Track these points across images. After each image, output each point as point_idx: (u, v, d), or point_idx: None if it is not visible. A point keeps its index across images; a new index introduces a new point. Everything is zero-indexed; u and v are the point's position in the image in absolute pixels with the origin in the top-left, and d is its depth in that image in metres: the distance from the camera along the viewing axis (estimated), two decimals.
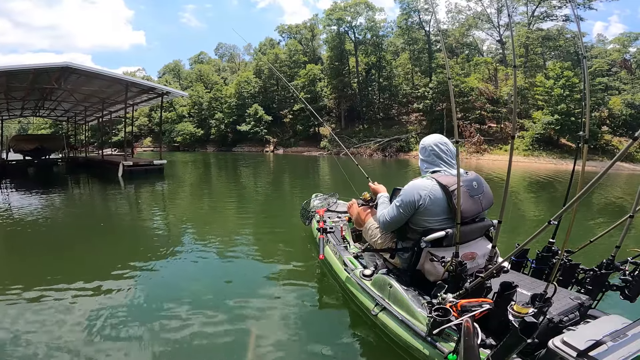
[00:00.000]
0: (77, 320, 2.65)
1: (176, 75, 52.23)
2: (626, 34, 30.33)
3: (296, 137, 36.37)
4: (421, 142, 2.38)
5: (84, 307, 2.85)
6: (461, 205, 2.00)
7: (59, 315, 2.71)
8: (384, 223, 2.33)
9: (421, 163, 2.39)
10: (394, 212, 2.23)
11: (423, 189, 2.12)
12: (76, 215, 7.08)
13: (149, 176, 12.76)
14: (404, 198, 2.17)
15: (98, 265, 3.86)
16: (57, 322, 2.62)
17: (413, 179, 2.26)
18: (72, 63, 11.71)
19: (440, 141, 2.30)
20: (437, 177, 2.14)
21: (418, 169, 2.50)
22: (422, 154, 2.35)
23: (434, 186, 2.12)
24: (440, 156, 2.25)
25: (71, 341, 2.39)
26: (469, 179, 2.17)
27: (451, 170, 2.20)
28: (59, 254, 4.29)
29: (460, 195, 1.94)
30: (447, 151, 2.26)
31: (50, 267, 3.79)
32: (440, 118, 28.62)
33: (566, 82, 22.59)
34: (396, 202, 2.23)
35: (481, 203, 2.18)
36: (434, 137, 2.34)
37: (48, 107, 20.72)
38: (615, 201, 8.72)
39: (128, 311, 2.78)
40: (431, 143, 2.30)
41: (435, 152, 2.27)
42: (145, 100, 17.56)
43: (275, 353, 2.30)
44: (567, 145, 23.85)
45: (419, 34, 33.04)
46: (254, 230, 5.63)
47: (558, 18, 29.17)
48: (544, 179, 13.87)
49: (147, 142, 45.48)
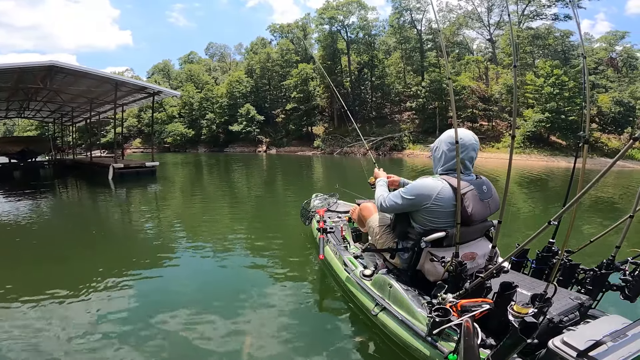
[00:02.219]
0: (70, 327, 2.59)
1: (166, 75, 51.63)
2: (612, 32, 30.92)
3: (289, 136, 36.27)
4: (451, 135, 2.12)
5: (77, 313, 2.79)
6: (472, 208, 2.01)
7: (49, 324, 2.64)
8: (382, 204, 2.29)
9: (442, 159, 2.19)
10: (397, 200, 2.19)
11: (431, 190, 2.08)
12: (66, 220, 6.92)
13: (140, 179, 12.54)
14: (413, 192, 2.13)
15: (90, 271, 3.75)
16: (47, 331, 2.54)
17: (422, 177, 2.22)
18: (58, 62, 11.45)
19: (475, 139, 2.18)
20: (448, 180, 2.08)
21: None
22: (450, 149, 2.13)
23: (444, 187, 2.07)
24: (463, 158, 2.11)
25: (63, 349, 2.32)
26: (479, 183, 2.15)
27: (465, 172, 2.13)
28: (47, 261, 4.17)
29: (459, 195, 1.94)
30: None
31: (39, 274, 3.69)
32: (433, 116, 28.83)
33: (556, 81, 22.96)
34: (402, 191, 2.19)
35: (489, 207, 2.17)
36: (471, 134, 2.18)
37: (33, 108, 20.27)
38: (607, 198, 8.85)
39: (123, 317, 2.73)
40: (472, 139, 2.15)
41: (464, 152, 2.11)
42: (135, 100, 17.27)
43: (275, 353, 2.30)
44: (557, 143, 24.26)
45: (410, 32, 33.23)
46: (252, 232, 5.58)
47: (547, 17, 29.66)
48: (537, 177, 14.08)
49: (137, 144, 44.89)
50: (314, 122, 35.62)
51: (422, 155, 25.69)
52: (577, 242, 2.38)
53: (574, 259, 2.19)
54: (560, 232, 2.20)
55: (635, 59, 29.00)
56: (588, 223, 5.83)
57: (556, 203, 7.89)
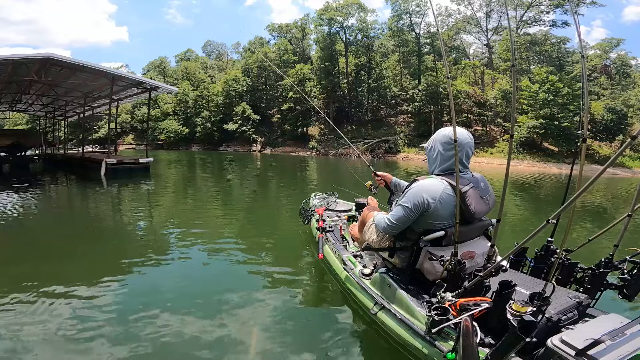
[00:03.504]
0: (62, 326, 2.52)
1: (161, 72, 51.13)
2: (607, 39, 31.35)
3: (284, 136, 36.21)
4: (446, 134, 2.10)
5: (69, 312, 2.73)
6: (474, 206, 2.00)
7: (34, 322, 2.57)
8: (388, 226, 2.19)
9: (438, 159, 2.15)
10: (401, 212, 2.11)
11: (434, 192, 2.04)
12: (54, 215, 6.78)
13: (134, 175, 12.34)
14: (413, 199, 2.06)
15: (82, 270, 3.68)
16: (36, 330, 2.48)
17: (418, 179, 2.16)
18: (54, 54, 11.29)
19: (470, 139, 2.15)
20: (448, 179, 2.06)
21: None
22: (446, 148, 2.09)
23: (446, 188, 2.04)
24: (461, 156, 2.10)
25: (50, 348, 2.28)
26: (476, 180, 2.15)
27: (463, 170, 2.12)
28: (33, 258, 4.03)
29: (458, 194, 1.94)
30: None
31: (24, 271, 3.58)
32: (429, 120, 29.00)
33: (551, 87, 23.20)
34: (403, 202, 2.11)
35: (488, 203, 2.17)
36: (466, 132, 2.15)
37: (26, 101, 19.97)
38: (597, 204, 8.97)
39: (112, 317, 2.67)
40: (467, 139, 2.11)
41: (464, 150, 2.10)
42: (130, 96, 17.07)
43: (274, 352, 2.28)
44: (550, 149, 24.53)
45: (409, 36, 33.41)
46: (250, 231, 5.54)
47: (545, 23, 29.98)
48: (525, 182, 14.20)
49: (129, 140, 44.44)
50: (310, 122, 35.60)
51: (417, 158, 25.82)
52: (576, 241, 2.39)
53: (573, 258, 2.20)
54: (558, 231, 2.21)
55: (629, 66, 29.40)
56: (580, 226, 5.90)
57: (545, 207, 8.01)
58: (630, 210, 1.89)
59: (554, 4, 28.71)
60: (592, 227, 5.69)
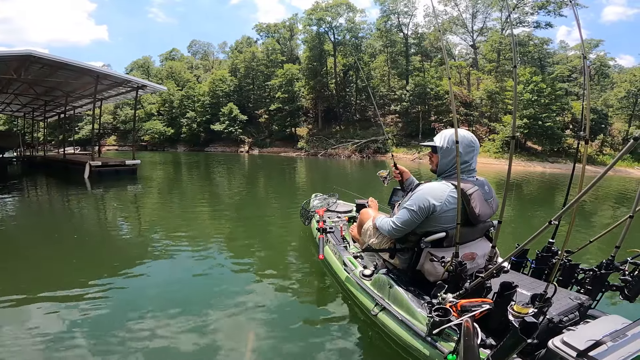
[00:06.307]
0: (45, 335, 2.42)
1: (145, 72, 50.07)
2: (587, 40, 32.28)
3: (272, 137, 35.95)
4: (449, 135, 2.11)
5: (54, 320, 2.63)
6: (479, 208, 2.01)
7: (16, 328, 2.48)
8: (393, 229, 2.17)
9: (445, 162, 2.15)
10: (407, 216, 2.11)
11: (439, 195, 2.05)
12: (34, 221, 6.44)
13: (120, 178, 11.94)
14: (418, 202, 2.06)
15: (67, 277, 3.53)
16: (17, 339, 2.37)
17: (425, 182, 2.19)
18: (35, 51, 10.82)
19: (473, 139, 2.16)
20: (453, 182, 2.06)
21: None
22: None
23: (451, 190, 2.05)
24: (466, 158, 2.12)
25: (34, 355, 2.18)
26: (480, 183, 2.16)
27: (466, 173, 2.12)
28: (13, 264, 3.86)
29: (460, 195, 1.93)
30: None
31: (8, 278, 3.45)
32: (417, 120, 29.30)
33: (535, 87, 23.75)
34: (408, 205, 2.11)
35: (492, 206, 2.19)
36: (468, 133, 2.16)
37: (3, 101, 19.18)
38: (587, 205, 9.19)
39: (101, 321, 2.59)
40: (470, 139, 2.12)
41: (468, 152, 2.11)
42: (115, 95, 16.59)
43: (275, 353, 2.27)
44: (533, 148, 25.17)
45: (397, 36, 33.66)
46: (249, 232, 5.46)
47: (529, 24, 30.65)
48: (518, 181, 14.50)
49: (111, 141, 43.34)
50: (298, 123, 35.48)
51: (406, 158, 26.05)
52: (577, 243, 2.42)
53: (574, 259, 2.22)
54: (560, 232, 2.24)
55: (608, 67, 30.34)
56: (577, 226, 6.01)
57: (533, 206, 8.16)
58: (631, 211, 1.91)
59: (537, 6, 29.41)
60: (587, 226, 5.76)
